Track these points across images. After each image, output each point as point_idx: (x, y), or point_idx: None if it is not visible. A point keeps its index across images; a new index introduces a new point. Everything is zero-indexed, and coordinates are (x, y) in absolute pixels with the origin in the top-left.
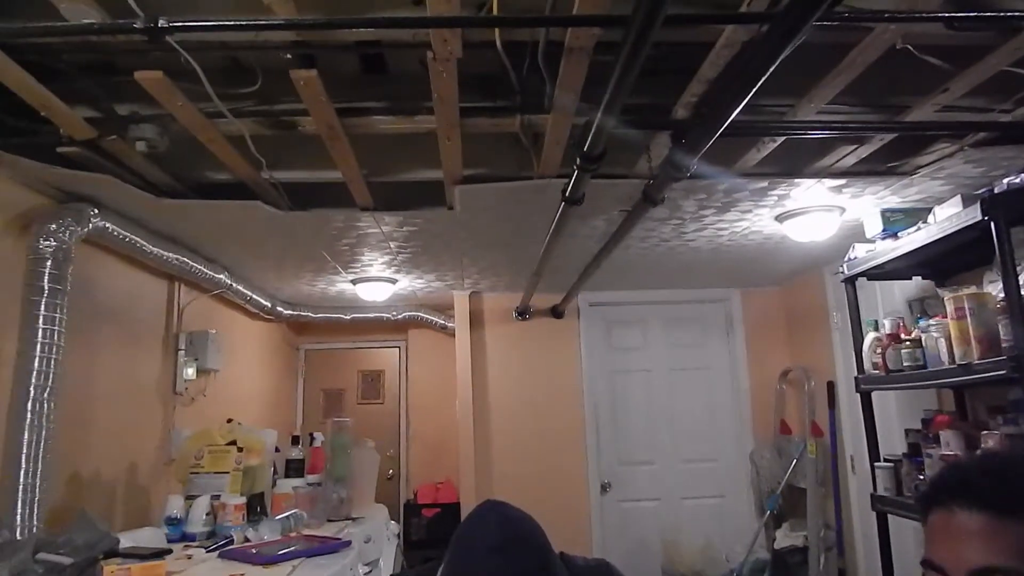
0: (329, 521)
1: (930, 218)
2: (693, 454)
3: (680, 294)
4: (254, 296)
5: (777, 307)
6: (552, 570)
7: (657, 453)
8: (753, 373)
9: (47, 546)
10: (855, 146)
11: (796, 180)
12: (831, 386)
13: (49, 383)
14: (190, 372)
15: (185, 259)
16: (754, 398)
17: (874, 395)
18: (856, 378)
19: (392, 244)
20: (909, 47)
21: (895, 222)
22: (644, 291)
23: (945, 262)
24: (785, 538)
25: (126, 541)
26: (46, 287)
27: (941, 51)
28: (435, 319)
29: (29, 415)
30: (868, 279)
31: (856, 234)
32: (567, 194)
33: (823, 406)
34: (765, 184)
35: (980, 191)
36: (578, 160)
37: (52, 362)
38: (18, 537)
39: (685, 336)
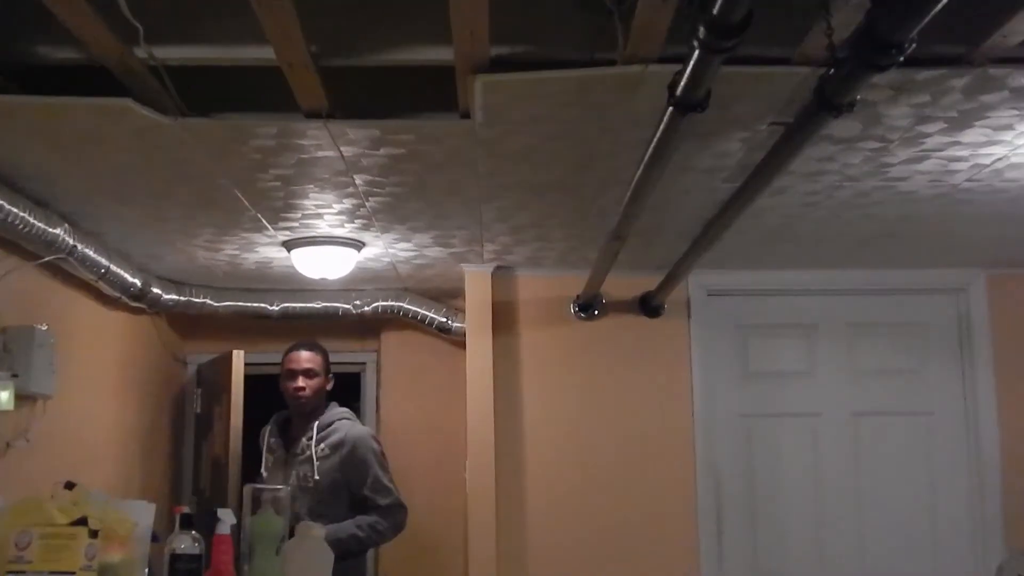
0: None
1: None
2: (893, 567)
3: (876, 279)
4: (112, 268)
5: None
6: None
7: (828, 564)
8: (1008, 422)
9: None
10: None
11: None
12: None
13: None
14: (4, 398)
15: None
16: (1009, 467)
17: None
18: None
19: (358, 179)
20: None
21: None
22: (809, 272)
23: None
24: None
25: None
26: None
27: None
28: (429, 314)
29: None
30: None
31: None
32: (679, 91)
33: None
34: None
35: None
36: (701, 30)
37: None
38: None
39: (883, 355)
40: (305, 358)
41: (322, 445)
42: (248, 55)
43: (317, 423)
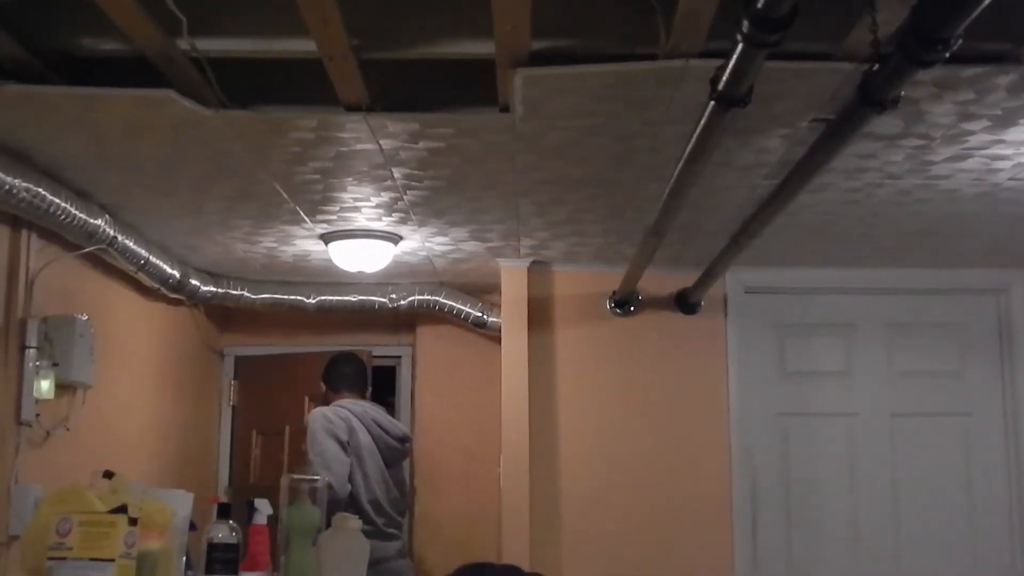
0: None
1: None
2: (932, 569)
3: (916, 278)
4: (152, 259)
5: None
6: None
7: (864, 565)
8: None
9: None
10: None
11: None
12: None
13: None
14: (45, 387)
15: (41, 191)
16: None
17: None
18: None
19: (397, 173)
20: None
21: None
22: (849, 271)
23: None
24: None
25: None
26: None
27: None
28: (466, 309)
29: None
30: None
31: None
32: (721, 86)
33: None
34: None
35: None
36: (745, 26)
37: None
38: None
39: (922, 355)
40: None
41: None
42: (289, 48)
43: None
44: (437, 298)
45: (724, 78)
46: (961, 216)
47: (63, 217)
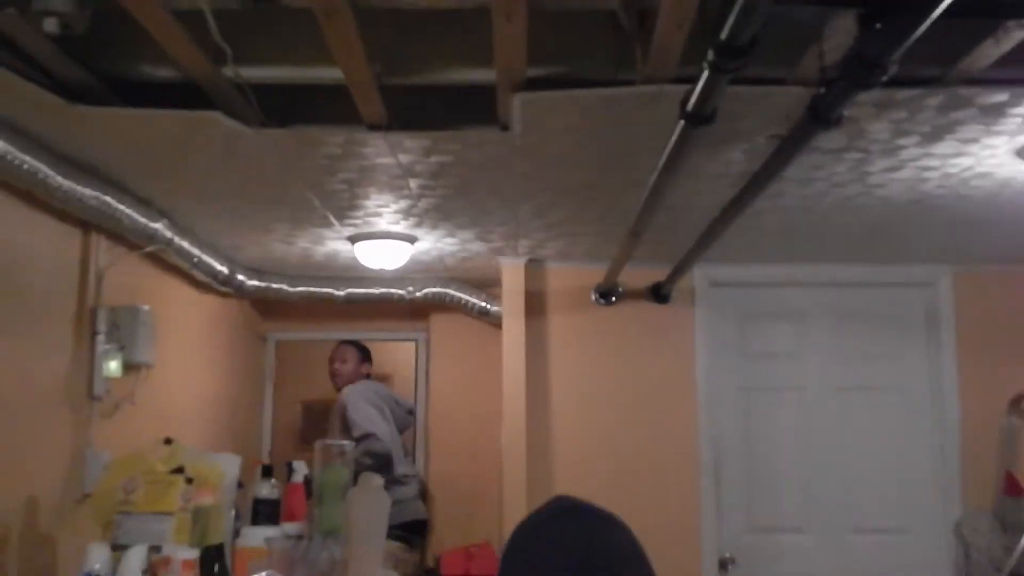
0: None
1: None
2: (868, 522)
3: (858, 273)
4: (204, 258)
5: (1012, 298)
6: None
7: (811, 518)
8: (968, 399)
9: None
10: None
11: None
12: None
13: None
14: (113, 367)
15: (107, 199)
16: (967, 439)
17: None
18: None
19: (413, 183)
20: None
21: None
22: (800, 266)
23: None
24: None
25: None
26: None
27: None
28: (472, 300)
29: None
30: None
31: None
32: (690, 108)
33: None
34: (1005, 97)
35: None
36: (711, 54)
37: None
38: None
39: (863, 339)
40: (335, 351)
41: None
42: (320, 75)
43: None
44: (447, 291)
45: (693, 100)
46: (896, 219)
47: (127, 221)
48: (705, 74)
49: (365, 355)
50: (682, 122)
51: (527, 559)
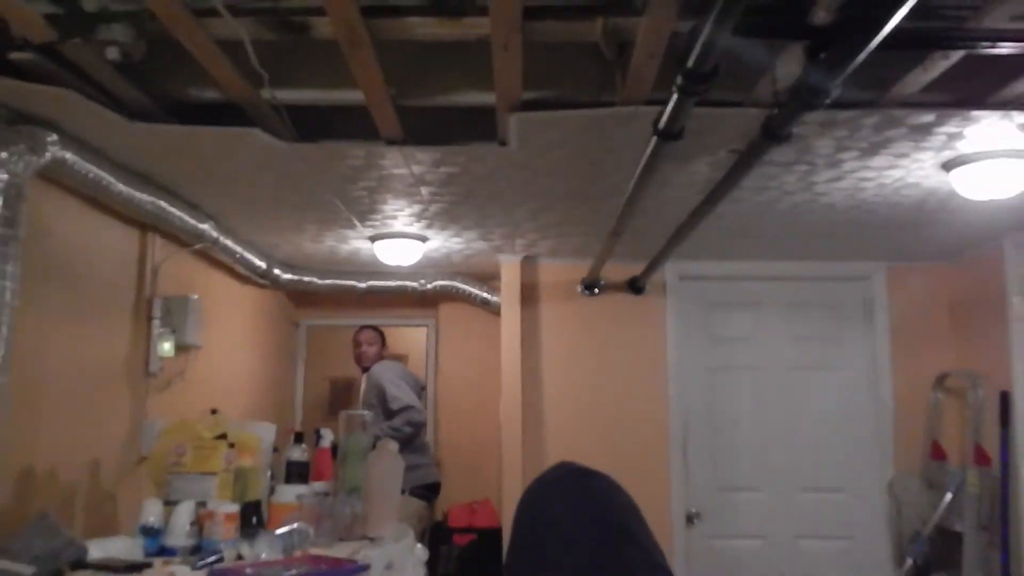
0: (341, 541)
1: None
2: (814, 481)
3: (805, 268)
4: (245, 254)
5: (937, 290)
6: None
7: (765, 478)
8: (899, 377)
9: (1, 553)
10: None
11: (975, 113)
12: (1005, 397)
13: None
14: (166, 348)
15: (161, 203)
16: (899, 410)
17: None
18: None
19: (424, 190)
20: None
21: None
22: (756, 263)
23: None
24: None
25: (94, 551)
26: None
27: None
28: (475, 291)
29: None
30: None
31: None
32: (661, 126)
33: (992, 424)
34: (931, 118)
35: None
36: (679, 80)
37: (2, 328)
38: None
39: (810, 325)
40: (361, 332)
41: (363, 389)
42: (344, 97)
43: (365, 377)
44: (454, 283)
45: (664, 119)
46: (837, 222)
47: (178, 222)
48: (674, 97)
49: (383, 338)
50: (655, 138)
51: (543, 518)
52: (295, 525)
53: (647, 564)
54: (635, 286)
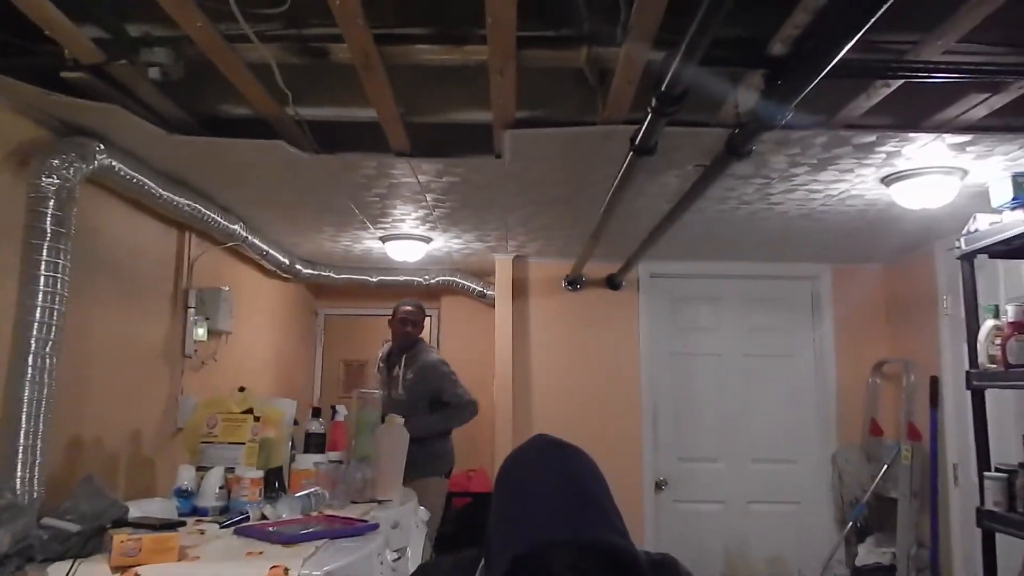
0: (353, 503)
1: None
2: (766, 453)
3: (761, 268)
4: (271, 251)
5: (875, 288)
6: (635, 557)
7: (724, 450)
8: (842, 364)
9: (51, 512)
10: (988, 95)
11: (911, 135)
12: (935, 382)
13: (51, 336)
14: (200, 333)
15: (197, 206)
16: (841, 392)
17: (988, 394)
18: (968, 373)
19: (428, 197)
20: None
21: None
22: (718, 263)
23: None
24: (869, 554)
25: (134, 511)
26: (48, 230)
27: None
28: (472, 286)
29: (30, 370)
30: (990, 256)
31: (979, 203)
32: (637, 142)
33: (923, 405)
34: (873, 138)
35: None
36: (653, 102)
37: (54, 313)
38: (20, 501)
39: (764, 318)
40: (413, 311)
41: (408, 373)
42: (358, 114)
43: (405, 357)
44: (454, 278)
45: (639, 137)
46: (789, 228)
47: (212, 223)
48: (649, 117)
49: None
50: (631, 153)
51: (519, 482)
52: (313, 489)
53: (605, 524)
54: (612, 282)
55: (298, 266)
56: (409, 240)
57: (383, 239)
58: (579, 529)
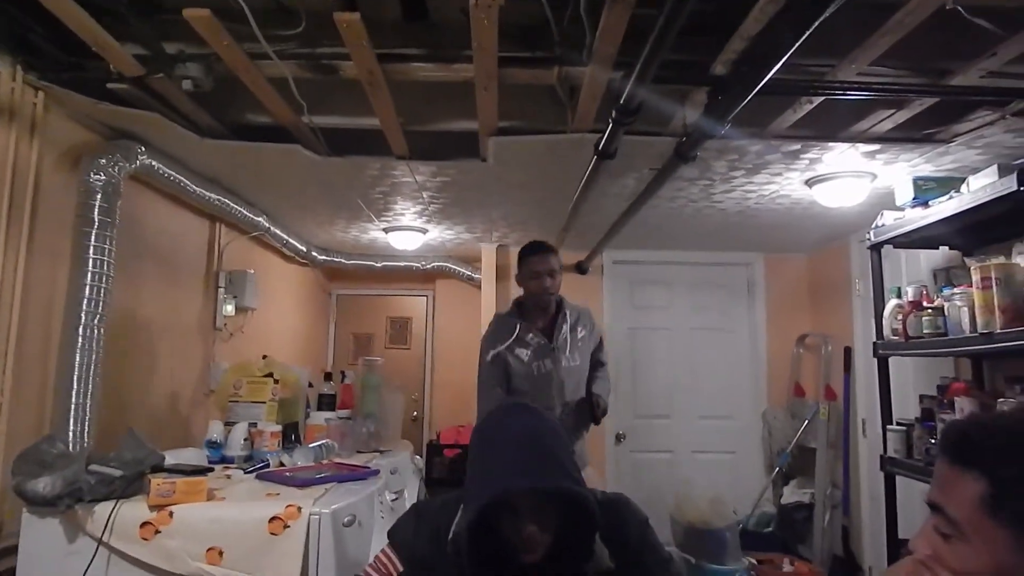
0: (358, 452)
1: (963, 187)
2: (708, 411)
3: (705, 256)
4: (290, 240)
5: (800, 274)
6: (586, 498)
7: (673, 408)
8: (772, 337)
9: (98, 460)
10: (893, 110)
11: (830, 144)
12: (848, 352)
13: (99, 310)
14: (229, 309)
15: (226, 200)
16: (771, 361)
17: (891, 361)
18: (875, 343)
19: (425, 194)
20: (960, 8)
21: (927, 190)
22: (669, 251)
23: (974, 233)
24: (792, 494)
25: (170, 459)
26: (96, 219)
27: (992, 13)
28: (462, 270)
29: (80, 339)
30: (895, 247)
31: (886, 202)
32: (600, 148)
33: (838, 371)
34: (798, 147)
35: (1018, 161)
36: (614, 114)
37: (101, 291)
38: (71, 451)
39: (707, 298)
40: (552, 261)
41: (580, 331)
42: (364, 123)
43: (568, 313)
44: (447, 264)
45: (602, 143)
46: (729, 223)
47: (239, 215)
48: (610, 127)
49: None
50: (595, 158)
51: (492, 437)
52: (324, 441)
53: (561, 473)
54: (580, 268)
55: (314, 253)
56: (408, 231)
57: (386, 230)
58: (538, 478)
